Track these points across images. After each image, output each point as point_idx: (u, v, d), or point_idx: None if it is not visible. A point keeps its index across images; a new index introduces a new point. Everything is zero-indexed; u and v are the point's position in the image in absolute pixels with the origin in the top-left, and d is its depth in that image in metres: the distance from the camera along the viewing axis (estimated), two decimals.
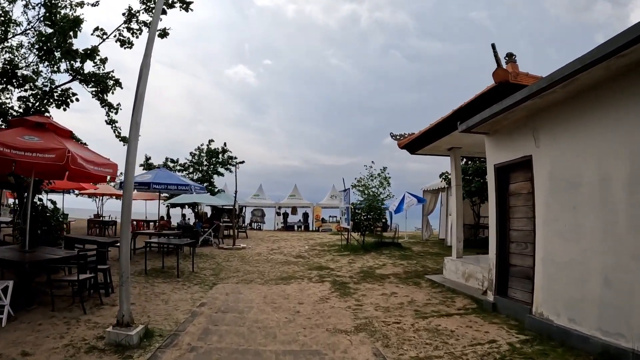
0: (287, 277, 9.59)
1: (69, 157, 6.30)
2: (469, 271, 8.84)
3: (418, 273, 10.27)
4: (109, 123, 12.51)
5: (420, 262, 11.96)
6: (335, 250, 14.79)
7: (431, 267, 11.14)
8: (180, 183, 12.60)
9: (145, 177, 12.79)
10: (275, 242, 18.76)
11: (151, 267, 10.45)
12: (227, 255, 13.19)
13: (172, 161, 24.46)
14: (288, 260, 12.49)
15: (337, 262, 12.00)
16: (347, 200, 14.61)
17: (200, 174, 24.53)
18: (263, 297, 7.53)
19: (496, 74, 6.78)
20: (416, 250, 15.12)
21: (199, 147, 24.91)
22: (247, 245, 16.52)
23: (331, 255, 13.69)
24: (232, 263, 11.69)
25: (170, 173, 13.52)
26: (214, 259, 12.45)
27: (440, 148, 10.46)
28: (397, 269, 10.87)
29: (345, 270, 10.66)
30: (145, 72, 5.45)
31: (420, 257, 13.10)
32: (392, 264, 11.54)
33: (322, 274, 10.01)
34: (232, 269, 10.64)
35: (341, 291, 8.10)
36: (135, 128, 5.12)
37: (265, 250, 14.87)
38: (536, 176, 6.09)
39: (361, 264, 11.66)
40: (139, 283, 8.60)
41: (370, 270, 10.60)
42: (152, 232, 13.86)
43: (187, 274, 9.83)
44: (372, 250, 14.34)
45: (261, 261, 12.16)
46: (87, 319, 5.90)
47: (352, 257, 13.06)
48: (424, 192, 20.45)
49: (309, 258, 12.94)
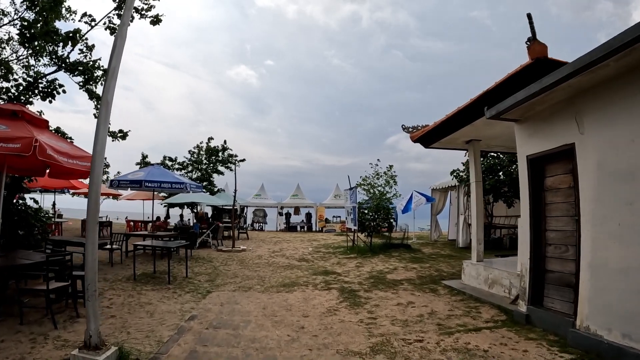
0: (289, 284, 8.67)
1: (37, 147, 5.43)
2: (493, 277, 7.93)
3: (433, 278, 9.35)
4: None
5: (433, 266, 11.04)
6: (341, 253, 13.88)
7: (446, 272, 10.23)
8: (175, 181, 11.71)
9: (137, 175, 11.92)
10: (277, 243, 17.85)
11: (142, 272, 9.61)
12: (226, 259, 12.29)
13: (170, 160, 23.64)
14: (291, 263, 11.58)
15: (344, 266, 11.08)
16: (353, 199, 13.68)
17: (200, 173, 23.70)
18: (262, 308, 6.62)
19: (532, 49, 5.87)
20: (427, 252, 14.19)
21: (198, 145, 24.09)
22: (248, 247, 15.62)
23: (337, 258, 12.78)
24: (230, 267, 10.79)
25: (165, 170, 12.64)
26: (211, 262, 11.55)
27: (457, 141, 9.54)
28: (409, 273, 9.95)
29: (353, 275, 9.74)
30: (119, 43, 4.57)
31: (432, 260, 12.18)
32: (404, 268, 10.62)
33: (328, 280, 9.09)
34: (230, 274, 9.74)
35: (351, 301, 7.17)
36: (105, 108, 4.24)
37: (266, 253, 13.97)
38: (580, 167, 5.19)
39: (370, 268, 10.75)
40: (125, 290, 7.72)
41: (381, 275, 9.69)
42: (145, 233, 12.97)
43: (179, 279, 8.94)
44: (380, 252, 13.43)
45: (262, 265, 11.26)
46: (57, 336, 5.04)
47: (359, 260, 12.14)
48: (433, 190, 19.52)
49: (313, 261, 12.03)
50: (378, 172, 17.46)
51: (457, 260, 12.04)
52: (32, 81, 10.36)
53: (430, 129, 9.34)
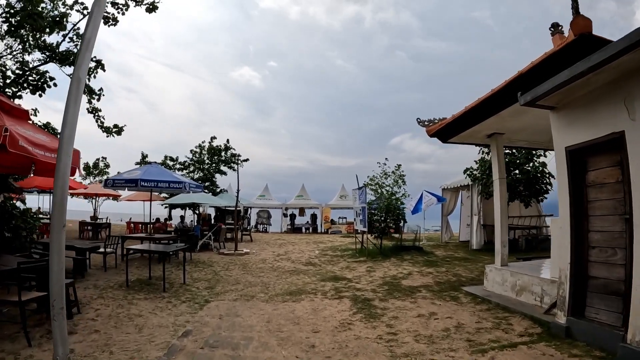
0: (296, 292, 7.92)
1: (7, 137, 4.71)
2: (522, 283, 7.16)
3: (452, 284, 8.58)
4: (91, 112, 11.00)
5: (450, 270, 10.26)
6: (349, 256, 13.11)
7: (465, 277, 9.45)
8: (173, 180, 11.00)
9: (133, 174, 11.22)
10: (282, 246, 17.10)
11: (136, 278, 8.92)
12: (227, 263, 11.55)
13: (171, 159, 22.94)
14: (297, 268, 10.83)
15: (354, 271, 10.31)
16: (362, 199, 12.91)
17: (202, 173, 22.99)
18: (266, 321, 5.86)
19: (575, 23, 5.09)
20: (440, 254, 13.41)
21: (200, 145, 23.38)
22: (251, 250, 14.87)
23: (345, 261, 12.01)
24: (232, 272, 10.05)
25: (163, 169, 11.94)
26: (212, 267, 10.82)
27: (478, 135, 8.77)
28: (426, 278, 9.18)
29: (365, 281, 8.97)
30: (97, 11, 3.83)
31: (447, 264, 11.40)
32: (419, 273, 9.85)
33: (338, 287, 8.32)
34: (231, 280, 9.00)
35: (366, 312, 6.40)
36: (76, 85, 3.50)
37: (270, 256, 13.22)
38: (631, 158, 4.44)
39: (382, 272, 9.98)
40: (115, 299, 7.00)
41: (395, 281, 8.92)
42: (141, 235, 12.26)
43: (176, 286, 8.22)
44: (391, 255, 12.67)
45: (266, 270, 10.51)
46: (29, 355, 4.33)
47: (369, 264, 11.38)
48: (443, 190, 18.70)
49: (320, 265, 11.27)
50: (386, 172, 16.74)
51: (474, 264, 11.28)
52: (20, 73, 9.70)
53: (449, 122, 8.56)
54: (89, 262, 10.32)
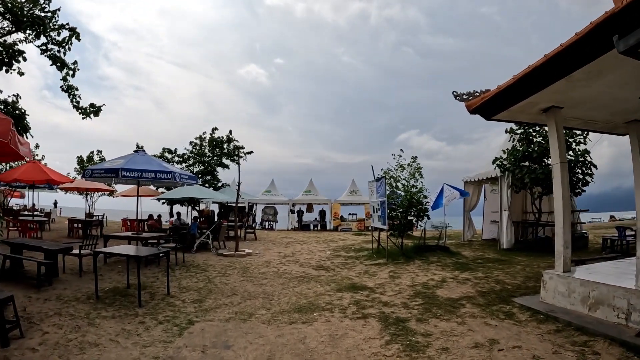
0: (307, 307, 6.24)
1: None
2: (598, 295, 5.48)
3: (499, 295, 6.90)
4: (66, 90, 9.42)
5: (489, 276, 8.56)
6: (366, 257, 11.45)
7: (509, 284, 7.78)
8: (161, 170, 9.36)
9: (115, 163, 9.63)
10: (289, 245, 15.46)
11: (112, 287, 7.36)
12: (225, 266, 9.94)
13: (169, 152, 21.38)
14: (306, 273, 9.17)
15: (375, 277, 8.64)
16: (381, 192, 11.19)
17: (203, 166, 21.42)
18: (267, 357, 4.22)
19: None
20: (469, 255, 11.72)
21: (200, 136, 21.77)
22: (254, 250, 13.26)
23: (362, 264, 10.35)
24: (229, 279, 8.42)
25: (150, 158, 10.31)
26: (206, 271, 9.22)
27: (532, 109, 7.04)
28: (464, 287, 7.50)
29: (392, 291, 7.30)
30: None
31: (481, 267, 9.71)
32: (454, 279, 8.17)
33: (359, 300, 6.64)
34: (227, 290, 7.37)
35: (403, 340, 4.71)
36: None
37: (275, 258, 11.59)
38: None
39: (409, 279, 8.31)
40: (74, 318, 5.44)
41: (428, 290, 7.24)
42: (127, 235, 10.68)
43: (157, 299, 6.63)
44: (414, 256, 10.99)
45: (269, 275, 8.86)
46: None
47: (391, 267, 9.71)
48: (465, 183, 16.92)
49: (334, 270, 9.60)
50: (401, 164, 15.18)
51: (511, 267, 9.62)
52: None
53: (496, 93, 6.83)
54: (63, 266, 8.86)
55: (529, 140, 13.19)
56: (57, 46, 8.95)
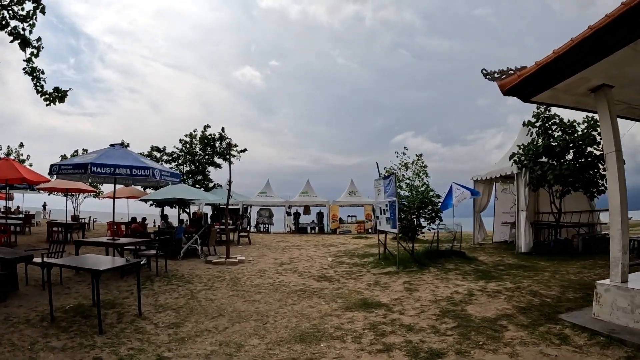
0: (310, 335, 4.93)
1: None
2: None
3: (541, 310, 5.69)
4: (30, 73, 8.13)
5: (519, 286, 7.33)
6: (372, 264, 10.18)
7: (547, 295, 6.56)
8: (137, 165, 8.06)
9: (86, 157, 8.35)
10: (286, 250, 14.16)
11: (77, 304, 6.11)
12: (213, 277, 8.65)
13: (157, 150, 20.03)
14: (307, 286, 7.88)
15: (388, 289, 7.38)
16: (390, 191, 9.90)
17: (193, 166, 20.09)
18: None
19: None
20: (487, 261, 10.49)
21: (191, 133, 20.42)
22: (248, 256, 11.97)
23: (370, 273, 9.09)
24: (217, 294, 7.13)
25: (127, 152, 9.00)
26: (191, 284, 7.93)
27: (579, 87, 5.81)
28: (497, 302, 6.26)
29: (412, 309, 6.03)
30: None
31: (506, 275, 8.48)
32: (482, 291, 6.92)
33: (375, 323, 5.36)
34: (212, 310, 6.08)
35: None
36: None
37: (271, 266, 10.30)
38: None
39: (429, 292, 7.05)
40: (14, 349, 4.20)
41: (456, 307, 5.98)
42: (100, 241, 9.35)
43: (126, 321, 5.35)
44: (427, 263, 9.74)
45: (264, 289, 7.57)
46: None
47: (404, 276, 8.45)
48: (475, 182, 15.68)
49: (339, 281, 8.32)
50: (405, 162, 14.02)
51: (538, 274, 8.42)
52: None
53: (537, 69, 5.61)
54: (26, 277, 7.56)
55: (548, 134, 12.01)
56: (21, 22, 7.65)
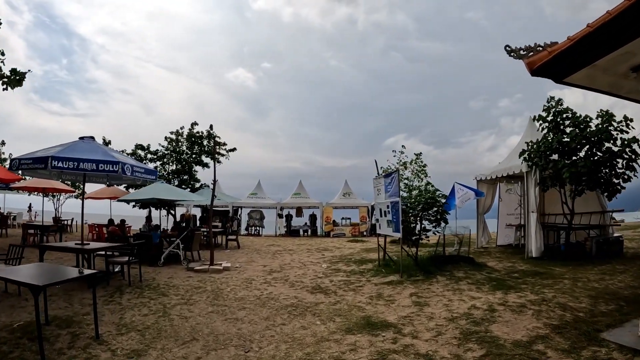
0: None
1: None
2: None
3: (578, 327, 4.75)
4: None
5: (542, 297, 6.36)
6: (371, 272, 9.18)
7: (577, 308, 5.63)
8: (105, 160, 6.99)
9: (49, 151, 7.26)
10: (277, 255, 13.12)
11: (30, 321, 5.10)
12: (193, 287, 7.60)
13: (142, 148, 18.88)
14: (299, 299, 6.84)
15: (393, 303, 6.37)
16: (392, 190, 8.89)
17: (179, 165, 18.98)
18: None
19: None
20: (498, 267, 9.54)
21: (177, 131, 19.29)
22: (234, 262, 10.92)
23: (371, 283, 8.08)
24: (194, 310, 6.07)
25: (96, 146, 7.89)
26: (166, 296, 6.88)
27: (622, 64, 4.86)
28: (525, 318, 5.28)
29: (426, 330, 5.02)
30: None
31: (521, 283, 7.54)
32: (503, 305, 5.94)
33: (384, 351, 4.31)
34: (185, 332, 5.03)
35: None
36: None
37: (259, 274, 9.26)
38: None
39: (442, 306, 6.05)
40: None
41: (479, 327, 4.99)
42: (66, 246, 8.24)
43: (78, 347, 4.33)
44: (434, 270, 8.74)
45: (249, 303, 6.52)
46: None
47: (410, 287, 7.45)
48: (479, 182, 14.76)
49: (336, 293, 7.28)
50: (404, 162, 13.16)
51: (558, 283, 7.52)
52: None
53: (573, 43, 4.65)
54: None
55: (559, 129, 11.11)
56: None
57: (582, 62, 4.90)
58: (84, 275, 4.74)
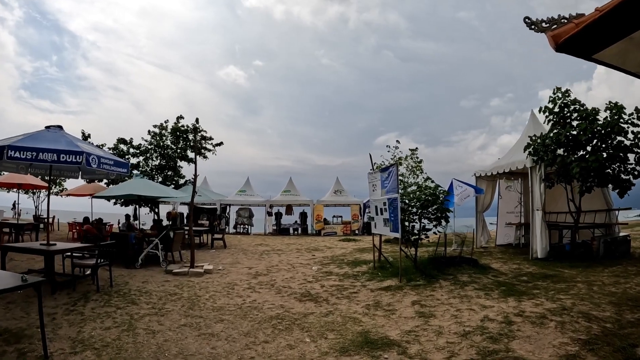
0: None
1: None
2: None
3: (610, 342, 4.07)
4: None
5: (560, 304, 5.65)
6: (366, 275, 8.42)
7: (601, 318, 4.92)
8: (67, 150, 6.16)
9: (9, 140, 6.38)
10: (264, 256, 12.30)
11: None
12: (167, 295, 6.76)
13: (124, 142, 17.93)
14: (286, 309, 6.04)
15: (394, 314, 5.60)
16: (390, 185, 8.08)
17: (164, 160, 18.07)
18: None
19: None
20: (503, 269, 8.85)
21: (161, 124, 18.37)
22: (218, 263, 10.10)
23: (366, 288, 7.30)
24: (164, 322, 5.25)
25: (62, 135, 7.02)
26: (135, 304, 6.04)
27: None
28: (549, 332, 4.54)
29: (437, 350, 4.23)
30: None
31: (533, 287, 6.82)
32: (520, 316, 5.19)
33: None
34: (149, 353, 4.18)
35: None
36: None
37: (244, 278, 8.44)
38: None
39: (450, 318, 5.29)
40: None
41: (498, 345, 4.22)
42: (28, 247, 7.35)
43: None
44: (435, 274, 8.00)
45: (229, 314, 5.70)
46: None
47: (410, 293, 6.68)
48: (478, 179, 14.06)
49: (328, 301, 6.48)
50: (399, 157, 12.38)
51: (572, 287, 6.85)
52: None
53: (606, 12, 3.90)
54: None
55: (565, 122, 10.42)
56: None
57: (618, 34, 4.16)
58: (25, 284, 3.90)
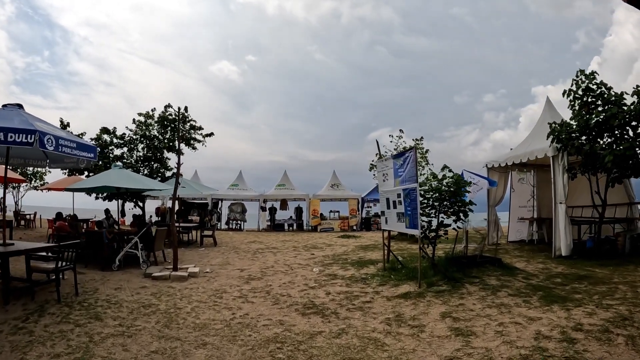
0: None
1: None
2: None
3: None
4: None
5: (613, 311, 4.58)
6: (377, 279, 7.29)
7: None
8: (15, 128, 4.95)
9: None
10: (258, 255, 11.13)
11: None
12: (140, 306, 5.58)
13: (107, 132, 16.64)
14: (286, 327, 4.88)
15: (425, 332, 4.46)
16: (407, 174, 6.84)
17: (150, 151, 16.83)
18: None
19: None
20: (527, 268, 7.82)
21: (147, 113, 17.10)
22: (206, 265, 8.94)
23: (380, 295, 6.17)
24: (131, 346, 4.07)
25: (17, 113, 5.82)
26: (100, 320, 4.87)
27: None
28: (621, 351, 3.46)
29: None
30: None
31: (571, 291, 5.75)
32: (578, 330, 4.07)
33: None
34: None
35: None
36: None
37: (234, 283, 7.28)
38: None
39: (494, 334, 4.17)
40: None
41: None
42: None
43: None
44: (458, 277, 6.87)
45: (213, 334, 4.51)
46: None
47: (436, 302, 5.56)
48: (490, 170, 12.97)
49: (337, 315, 5.30)
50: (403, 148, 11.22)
51: (612, 289, 5.92)
52: None
53: None
54: None
55: (592, 107, 9.37)
56: None
57: None
58: None
